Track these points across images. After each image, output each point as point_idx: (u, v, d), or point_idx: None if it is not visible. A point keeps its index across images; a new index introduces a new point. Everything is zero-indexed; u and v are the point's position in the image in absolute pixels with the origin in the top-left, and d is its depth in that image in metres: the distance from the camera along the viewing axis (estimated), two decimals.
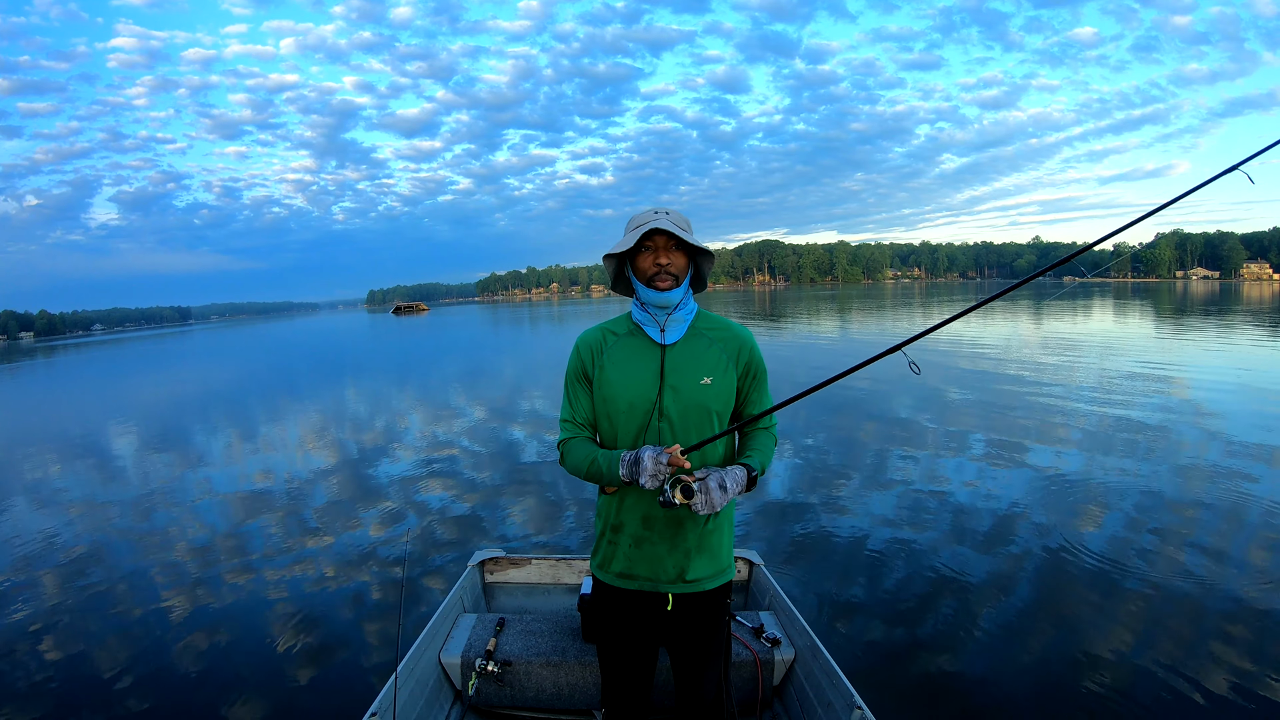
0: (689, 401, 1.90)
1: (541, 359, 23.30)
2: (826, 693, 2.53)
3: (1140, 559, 4.80)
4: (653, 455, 1.76)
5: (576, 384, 2.02)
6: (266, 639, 4.25)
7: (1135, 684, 3.39)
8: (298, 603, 4.75)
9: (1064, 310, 36.06)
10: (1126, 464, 7.03)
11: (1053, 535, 5.26)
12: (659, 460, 1.75)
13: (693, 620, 2.00)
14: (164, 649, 4.17)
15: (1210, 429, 8.39)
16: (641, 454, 1.78)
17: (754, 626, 2.97)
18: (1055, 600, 4.29)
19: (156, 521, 6.83)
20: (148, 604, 4.85)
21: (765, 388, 2.05)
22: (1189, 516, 5.55)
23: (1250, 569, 4.58)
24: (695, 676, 2.05)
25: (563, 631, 3.01)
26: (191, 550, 5.90)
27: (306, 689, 3.69)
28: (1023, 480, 6.64)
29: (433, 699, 2.75)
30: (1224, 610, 4.06)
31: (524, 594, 3.69)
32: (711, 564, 1.98)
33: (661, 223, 1.85)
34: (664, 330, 1.94)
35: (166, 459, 9.92)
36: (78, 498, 8.00)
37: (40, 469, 9.91)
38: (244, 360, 33.36)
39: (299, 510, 6.89)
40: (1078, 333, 22.69)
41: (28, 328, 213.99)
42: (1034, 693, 3.37)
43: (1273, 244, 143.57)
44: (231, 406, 15.52)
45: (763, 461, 1.95)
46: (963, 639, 3.88)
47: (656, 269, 1.89)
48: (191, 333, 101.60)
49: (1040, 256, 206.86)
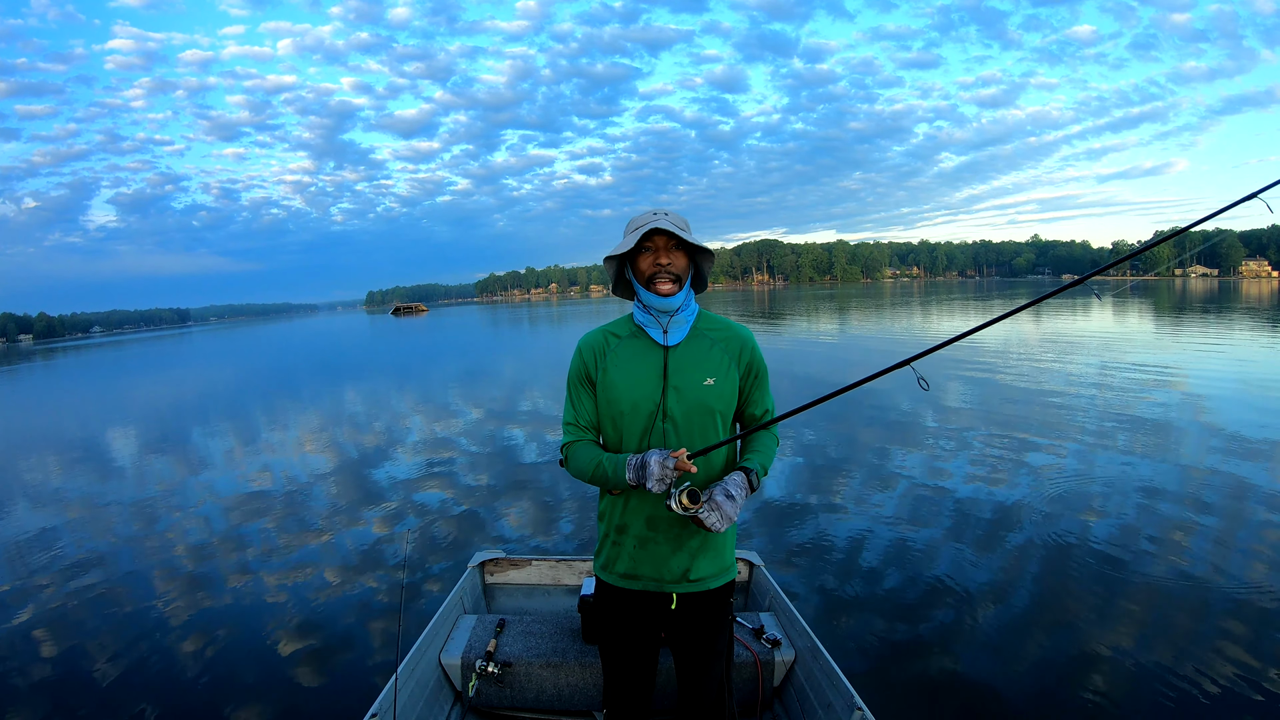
0: (692, 402, 1.91)
1: (541, 359, 23.30)
2: (827, 694, 2.53)
3: (1141, 557, 4.80)
4: (659, 459, 1.77)
5: (579, 386, 2.02)
6: (268, 640, 4.25)
7: (1136, 683, 3.39)
8: (298, 604, 4.75)
9: (1063, 309, 36.06)
10: (1127, 461, 7.03)
11: (1052, 534, 5.26)
12: (665, 465, 1.76)
13: (696, 620, 2.01)
14: (165, 650, 4.17)
15: (1210, 425, 8.40)
16: (648, 458, 1.79)
17: (754, 627, 2.97)
18: (1055, 600, 4.29)
19: (158, 524, 6.83)
20: (149, 606, 4.85)
21: (766, 387, 2.06)
22: (1189, 515, 5.55)
23: (1251, 566, 4.59)
24: (698, 677, 2.05)
25: (563, 632, 3.02)
26: (193, 552, 5.89)
27: (307, 689, 3.69)
28: (1022, 478, 6.64)
29: (433, 700, 2.75)
30: (1225, 608, 4.06)
31: (524, 595, 3.70)
32: (715, 563, 1.99)
33: (661, 223, 1.85)
34: (666, 332, 1.94)
35: (168, 461, 9.92)
36: (79, 501, 7.99)
37: (42, 472, 9.91)
38: (244, 362, 33.33)
39: (300, 512, 6.89)
40: (1077, 331, 22.69)
41: (26, 330, 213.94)
42: (1034, 693, 3.37)
43: (1271, 241, 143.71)
44: (232, 409, 15.51)
45: (763, 463, 1.96)
46: (963, 639, 3.88)
47: (657, 269, 1.90)
48: (190, 335, 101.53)
49: (1039, 255, 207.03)
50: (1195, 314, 30.20)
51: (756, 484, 1.91)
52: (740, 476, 1.86)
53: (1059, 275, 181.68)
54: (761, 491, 6.45)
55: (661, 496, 1.82)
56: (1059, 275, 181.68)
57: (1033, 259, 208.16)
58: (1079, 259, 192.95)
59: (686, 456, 1.78)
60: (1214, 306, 34.92)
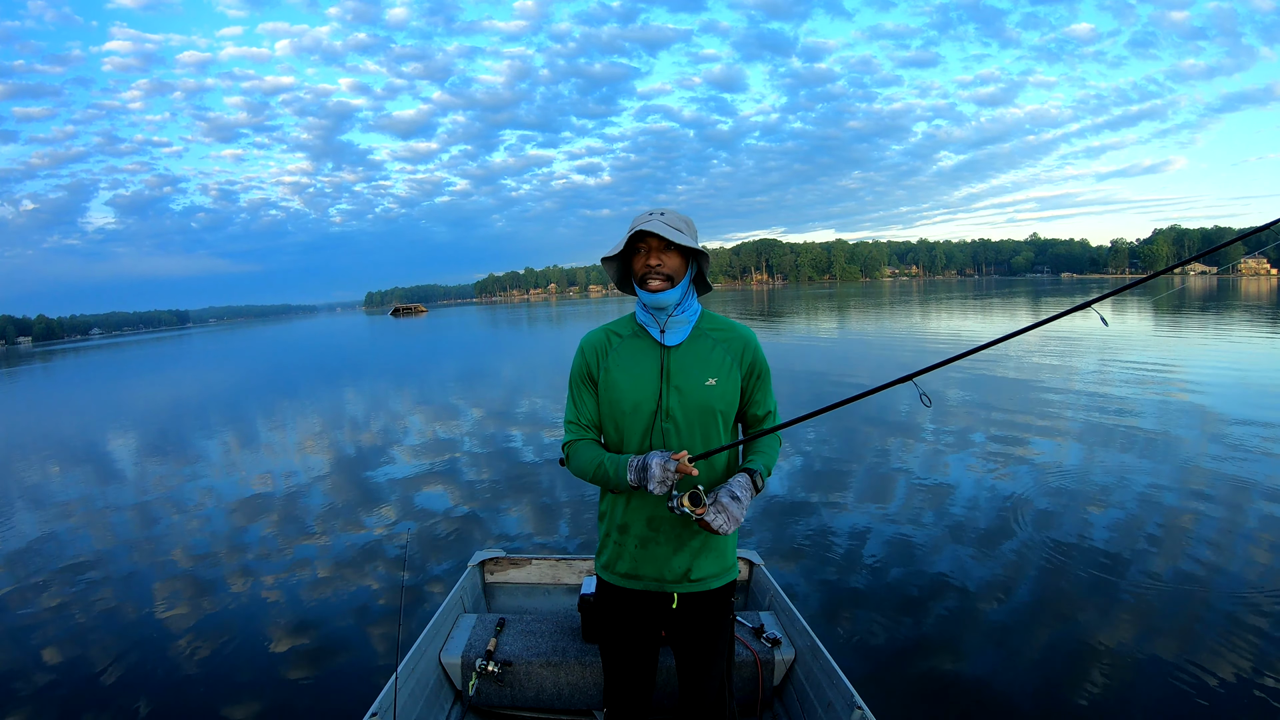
0: (693, 402, 1.91)
1: (541, 360, 23.30)
2: (827, 693, 2.53)
3: (1141, 555, 4.81)
4: (660, 462, 1.77)
5: (581, 385, 2.03)
6: (268, 640, 4.25)
7: (1137, 682, 3.39)
8: (299, 603, 4.76)
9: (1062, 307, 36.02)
10: (1127, 460, 7.04)
11: (1052, 532, 5.27)
12: (666, 467, 1.77)
13: (697, 619, 2.01)
14: (165, 650, 4.17)
15: (1209, 422, 8.40)
16: (649, 460, 1.79)
17: (754, 626, 2.97)
18: (1056, 598, 4.29)
19: (158, 526, 6.83)
20: (149, 607, 4.85)
21: (769, 388, 2.06)
22: (1188, 513, 5.56)
23: (1252, 564, 4.60)
24: (699, 676, 2.05)
25: (563, 632, 3.02)
26: (194, 553, 5.89)
27: (307, 689, 3.69)
28: (1022, 477, 6.65)
29: (433, 699, 2.76)
30: (1226, 607, 4.06)
31: (524, 594, 3.70)
32: (717, 563, 1.99)
33: (650, 225, 1.86)
34: (664, 331, 1.94)
35: (168, 463, 9.92)
36: (80, 503, 8.00)
37: (42, 474, 9.91)
38: (244, 364, 33.32)
39: (300, 513, 6.89)
40: (1074, 330, 22.69)
41: (26, 333, 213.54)
42: (1035, 692, 3.37)
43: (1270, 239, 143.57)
44: (233, 410, 15.51)
45: (766, 464, 1.96)
46: (963, 638, 3.88)
47: (647, 269, 1.91)
48: (190, 336, 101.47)
49: (1037, 253, 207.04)
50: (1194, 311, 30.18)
51: (761, 485, 1.91)
52: (744, 478, 1.87)
53: (1057, 274, 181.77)
54: (763, 490, 6.44)
55: (664, 497, 1.82)
56: (1057, 274, 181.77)
57: (1031, 257, 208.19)
58: (1078, 257, 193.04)
59: (688, 459, 1.79)
60: (1213, 304, 34.94)
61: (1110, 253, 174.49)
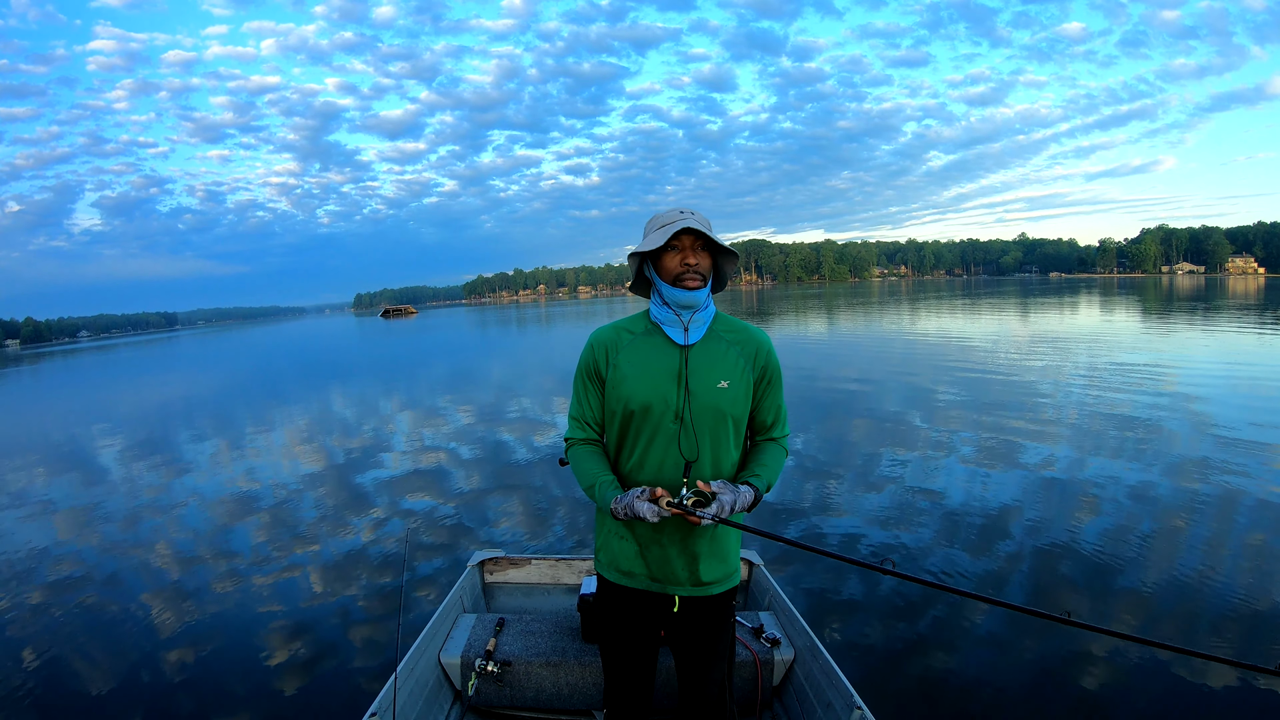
0: (705, 405, 1.87)
1: (532, 361, 23.26)
2: (826, 693, 2.54)
3: (1136, 554, 4.86)
4: (650, 511, 1.76)
5: (587, 380, 1.99)
6: (267, 641, 4.22)
7: (1134, 682, 3.42)
8: (297, 604, 4.73)
9: (1050, 306, 36.37)
10: (1120, 459, 7.10)
11: (1046, 532, 5.30)
12: (657, 512, 1.76)
13: (699, 622, 2.00)
14: (159, 654, 4.13)
15: (1201, 421, 8.49)
16: (637, 509, 1.77)
17: (754, 627, 2.98)
18: (1051, 598, 4.33)
19: (149, 530, 6.76)
20: (144, 610, 4.80)
21: (779, 393, 2.03)
22: (1184, 512, 5.62)
23: (1246, 562, 4.65)
24: (699, 678, 2.05)
25: (562, 631, 3.02)
26: (186, 557, 5.84)
27: (307, 690, 3.67)
28: (1015, 477, 6.69)
29: (432, 699, 2.75)
30: (1220, 605, 4.10)
31: (524, 594, 3.70)
32: (721, 567, 1.98)
33: (690, 222, 1.82)
34: (687, 330, 1.91)
35: (159, 466, 9.83)
36: (67, 507, 7.91)
37: (29, 478, 9.80)
38: (234, 366, 33.09)
39: (297, 514, 6.85)
40: (1065, 329, 22.89)
41: (13, 335, 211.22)
42: (1033, 692, 3.40)
43: (1258, 238, 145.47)
44: (223, 413, 15.38)
45: (769, 480, 1.93)
46: (961, 638, 3.90)
47: (684, 269, 1.86)
48: (178, 339, 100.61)
49: (1026, 253, 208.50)
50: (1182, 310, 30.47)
51: (757, 500, 1.87)
52: (749, 492, 1.84)
53: (1046, 273, 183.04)
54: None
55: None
56: (1046, 273, 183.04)
57: (1020, 257, 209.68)
58: (1066, 256, 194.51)
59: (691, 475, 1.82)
60: (1200, 304, 35.28)
61: (1098, 252, 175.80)
